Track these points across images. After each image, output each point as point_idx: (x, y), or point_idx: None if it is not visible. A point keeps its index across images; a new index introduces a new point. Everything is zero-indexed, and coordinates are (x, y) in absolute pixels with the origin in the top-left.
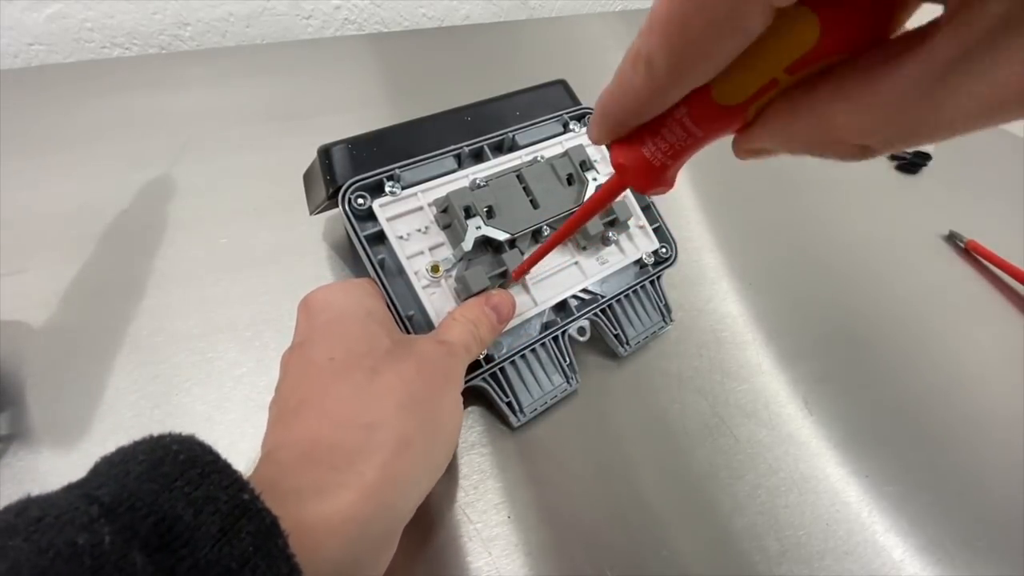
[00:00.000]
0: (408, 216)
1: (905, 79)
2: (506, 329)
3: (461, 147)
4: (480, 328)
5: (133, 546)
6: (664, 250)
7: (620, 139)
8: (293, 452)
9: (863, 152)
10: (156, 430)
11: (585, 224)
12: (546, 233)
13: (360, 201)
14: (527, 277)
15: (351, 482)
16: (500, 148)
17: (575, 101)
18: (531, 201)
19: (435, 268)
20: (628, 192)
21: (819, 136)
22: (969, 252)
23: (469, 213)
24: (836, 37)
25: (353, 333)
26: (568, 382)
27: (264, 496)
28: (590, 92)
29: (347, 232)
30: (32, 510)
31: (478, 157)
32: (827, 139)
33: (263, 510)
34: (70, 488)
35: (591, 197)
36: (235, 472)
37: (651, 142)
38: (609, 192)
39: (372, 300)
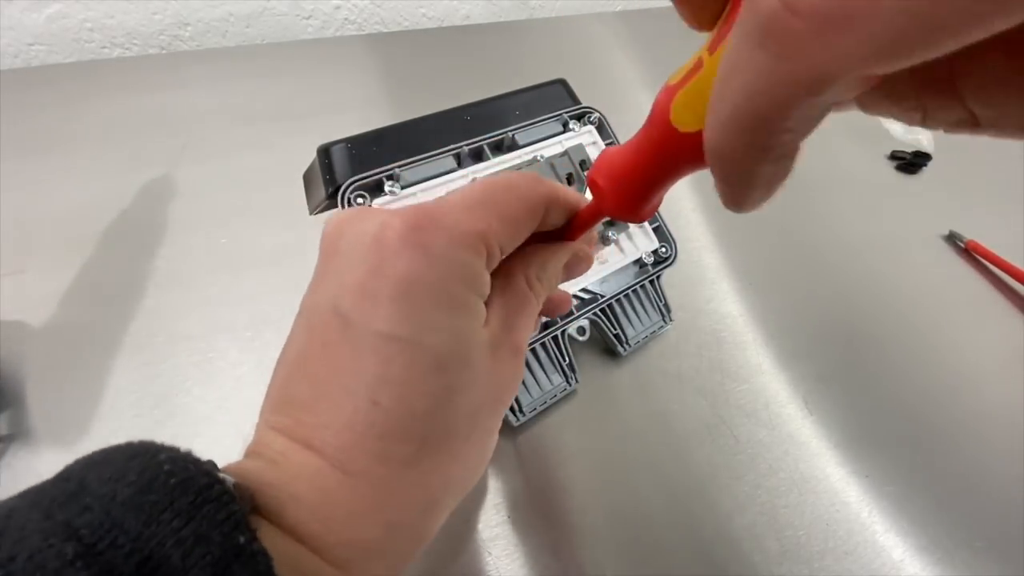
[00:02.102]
0: None
1: None
2: None
3: (461, 146)
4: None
5: None
6: (664, 250)
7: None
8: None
9: None
10: (156, 430)
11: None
12: None
13: (360, 201)
14: None
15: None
16: (500, 147)
17: (575, 101)
18: None
19: None
20: None
21: None
22: (969, 252)
23: None
24: None
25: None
26: (568, 382)
27: (260, 516)
28: (590, 92)
29: None
30: (4, 544)
31: (478, 156)
32: None
33: (258, 552)
34: (51, 508)
35: (574, 221)
36: (231, 503)
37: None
38: (592, 217)
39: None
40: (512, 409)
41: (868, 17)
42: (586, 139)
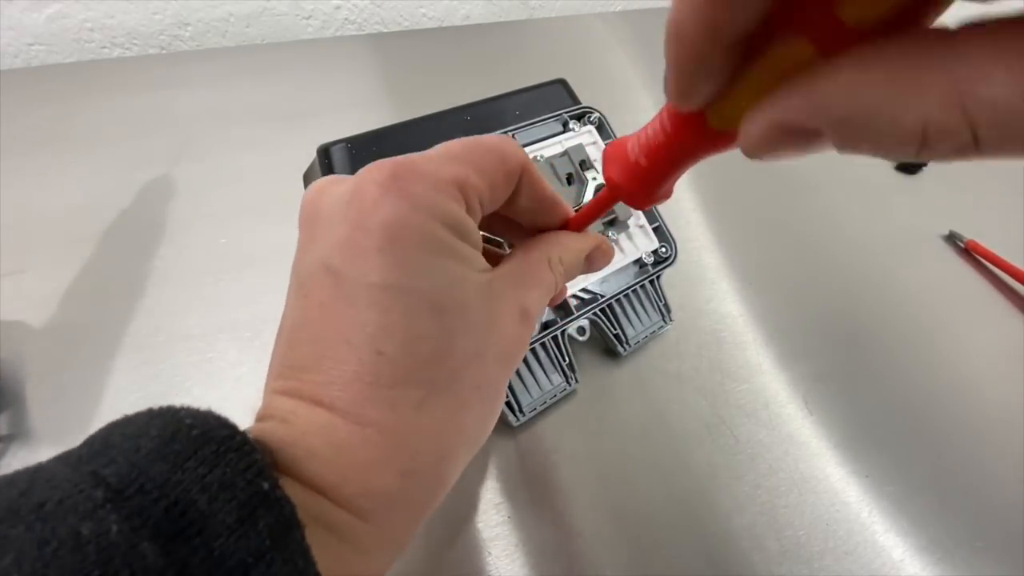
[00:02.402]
0: None
1: None
2: None
3: None
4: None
5: (143, 535)
6: (664, 249)
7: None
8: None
9: None
10: None
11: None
12: None
13: None
14: None
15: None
16: None
17: (575, 100)
18: None
19: None
20: None
21: None
22: (969, 252)
23: None
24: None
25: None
26: (567, 382)
27: (280, 471)
28: (590, 92)
29: None
30: (35, 492)
31: None
32: None
33: (282, 499)
34: (78, 462)
35: (581, 210)
36: (253, 452)
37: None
38: (598, 205)
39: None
40: (512, 409)
41: None
42: (586, 139)
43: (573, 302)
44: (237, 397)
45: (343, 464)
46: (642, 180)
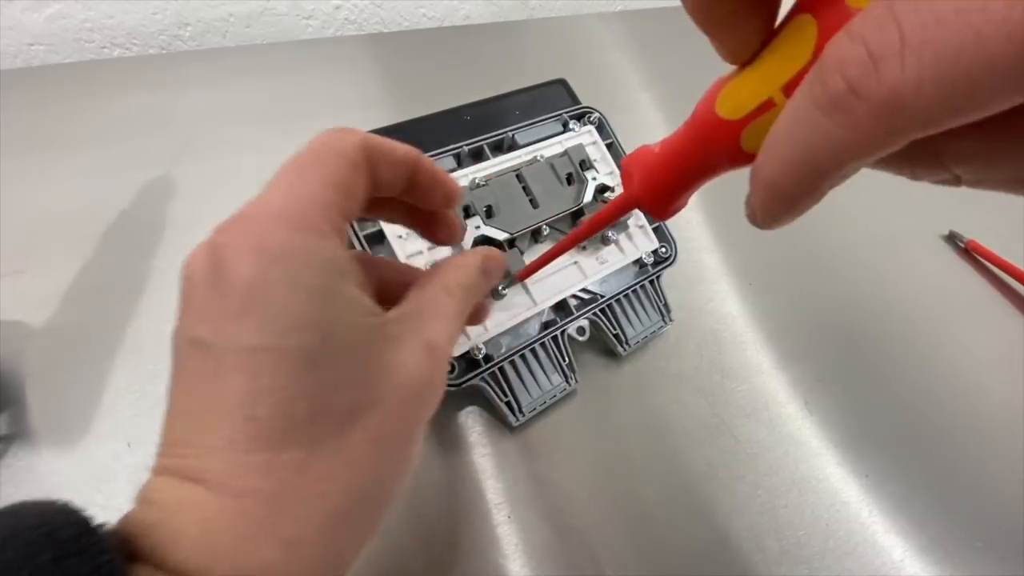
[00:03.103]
0: None
1: None
2: (506, 329)
3: (460, 146)
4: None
5: None
6: (664, 250)
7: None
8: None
9: None
10: (156, 430)
11: (595, 233)
12: (546, 232)
13: None
14: None
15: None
16: (500, 147)
17: (575, 101)
18: (530, 200)
19: None
20: None
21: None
22: (969, 252)
23: (468, 212)
24: None
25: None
26: (567, 382)
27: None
28: (590, 92)
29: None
30: None
31: (477, 156)
32: None
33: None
34: None
35: (597, 214)
36: (101, 554)
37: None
38: (617, 210)
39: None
40: (512, 409)
41: (915, 106)
42: (586, 139)
43: (573, 302)
44: None
45: (211, 543)
46: (662, 190)
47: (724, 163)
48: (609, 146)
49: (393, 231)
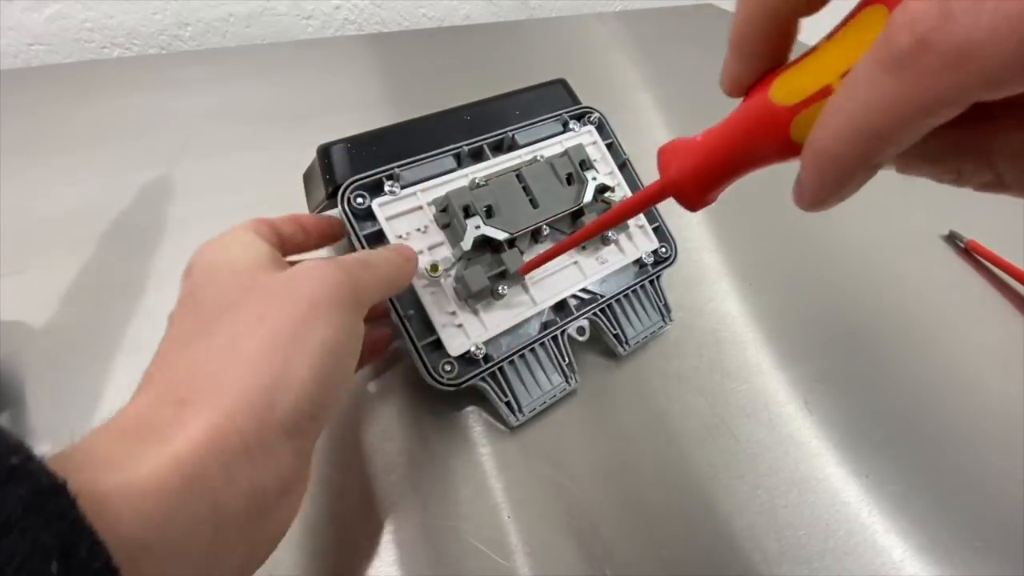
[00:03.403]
0: (407, 215)
1: None
2: (506, 329)
3: (461, 146)
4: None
5: None
6: (664, 250)
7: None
8: (117, 427)
9: None
10: None
11: (611, 227)
12: (545, 232)
13: (359, 200)
14: (527, 277)
15: (149, 456)
16: (500, 147)
17: (575, 100)
18: (531, 200)
19: (434, 267)
20: (628, 191)
21: None
22: (969, 252)
23: (468, 212)
24: None
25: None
26: (567, 382)
27: (67, 469)
28: (590, 92)
29: (346, 232)
30: None
31: (477, 156)
32: None
33: (37, 472)
34: None
35: (625, 201)
36: (7, 435)
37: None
38: (648, 197)
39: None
40: (512, 409)
41: (990, 54)
42: (586, 139)
43: (573, 302)
44: None
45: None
46: (702, 178)
47: (770, 153)
48: (609, 146)
49: (393, 230)
